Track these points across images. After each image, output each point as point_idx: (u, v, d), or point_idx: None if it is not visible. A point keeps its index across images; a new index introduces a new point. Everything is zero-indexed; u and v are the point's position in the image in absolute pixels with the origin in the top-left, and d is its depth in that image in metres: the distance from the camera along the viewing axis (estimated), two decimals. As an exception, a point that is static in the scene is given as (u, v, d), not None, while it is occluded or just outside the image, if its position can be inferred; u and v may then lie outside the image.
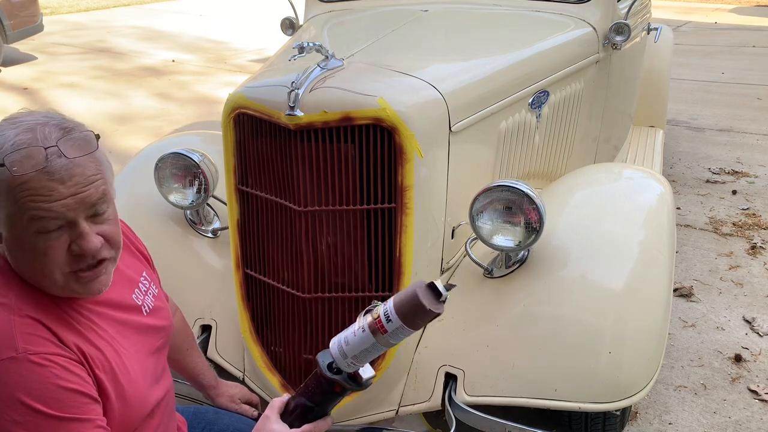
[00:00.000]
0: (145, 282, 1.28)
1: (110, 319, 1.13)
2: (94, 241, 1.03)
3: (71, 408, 0.98)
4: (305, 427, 1.11)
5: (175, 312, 1.52)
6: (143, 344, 1.20)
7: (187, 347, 1.55)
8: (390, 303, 1.00)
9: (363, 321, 1.03)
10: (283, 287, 1.78)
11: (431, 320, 1.00)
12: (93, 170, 1.01)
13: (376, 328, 1.00)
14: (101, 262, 1.06)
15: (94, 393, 1.03)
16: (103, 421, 1.03)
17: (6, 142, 0.97)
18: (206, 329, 2.01)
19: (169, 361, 1.48)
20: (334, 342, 1.07)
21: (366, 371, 1.08)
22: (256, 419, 1.57)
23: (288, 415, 1.14)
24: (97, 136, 1.04)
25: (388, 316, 0.99)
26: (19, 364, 0.95)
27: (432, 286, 0.98)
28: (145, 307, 1.24)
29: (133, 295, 1.23)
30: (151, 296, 1.28)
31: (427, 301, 0.97)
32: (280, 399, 1.17)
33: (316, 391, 1.10)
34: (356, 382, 1.08)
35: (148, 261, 1.37)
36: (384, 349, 1.04)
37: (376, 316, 1.01)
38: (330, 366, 1.08)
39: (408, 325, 0.99)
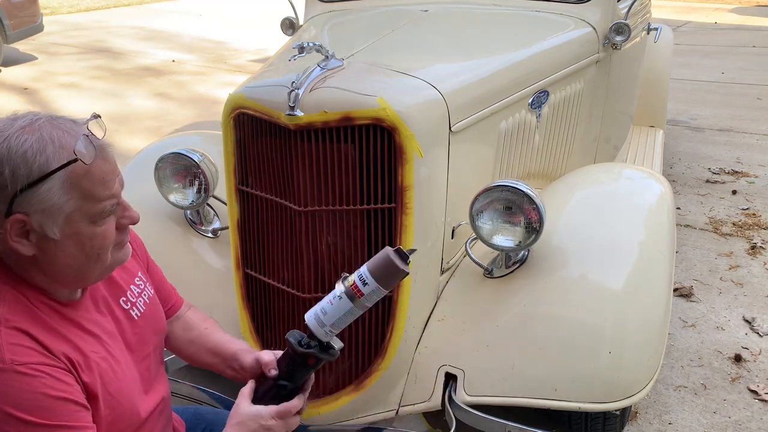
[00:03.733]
0: (139, 283, 1.26)
1: (96, 326, 1.11)
2: (134, 209, 1.08)
3: (60, 416, 0.97)
4: (282, 405, 1.14)
5: (188, 310, 1.46)
6: (131, 350, 1.18)
7: (209, 329, 1.46)
8: (363, 269, 1.10)
9: (338, 290, 1.11)
10: (283, 287, 1.78)
11: (401, 280, 1.12)
12: None
13: (353, 293, 1.09)
14: None
15: (84, 400, 1.02)
16: (93, 428, 1.02)
17: (45, 144, 0.95)
18: (206, 329, 2.01)
19: (200, 354, 1.40)
20: (310, 314, 1.13)
21: (336, 342, 1.16)
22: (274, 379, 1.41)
23: (259, 399, 1.17)
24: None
25: (364, 281, 1.09)
26: (6, 376, 0.95)
27: (399, 251, 1.09)
28: (135, 310, 1.22)
29: (122, 299, 1.20)
30: (144, 298, 1.25)
31: (399, 262, 1.07)
32: (247, 386, 1.18)
33: (289, 368, 1.16)
34: (327, 353, 1.15)
35: (144, 261, 1.34)
36: (359, 313, 1.12)
37: (351, 282, 1.10)
38: (299, 343, 1.15)
39: (382, 286, 1.09)
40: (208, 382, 2.00)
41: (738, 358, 2.55)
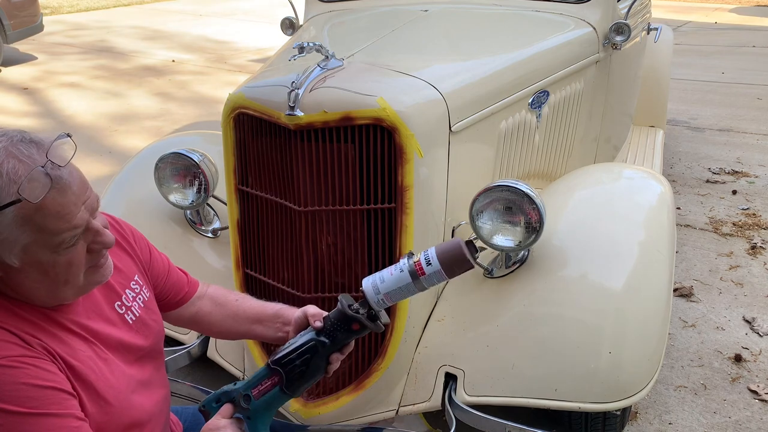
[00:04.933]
0: (135, 287, 1.24)
1: (84, 329, 1.09)
2: (109, 233, 1.04)
3: (49, 405, 0.97)
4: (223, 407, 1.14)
5: (208, 288, 1.44)
6: (126, 353, 1.16)
7: (240, 300, 1.43)
8: (431, 250, 1.11)
9: (401, 264, 1.12)
10: (283, 287, 1.78)
11: (464, 272, 1.11)
12: (78, 169, 0.99)
13: (415, 270, 1.11)
14: None
15: (69, 388, 1.01)
16: (81, 414, 1.01)
17: None
18: (206, 329, 2.01)
19: (239, 326, 1.38)
20: (368, 280, 1.14)
21: (383, 316, 1.16)
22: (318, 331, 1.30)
23: (293, 351, 1.15)
24: (69, 135, 1.01)
25: (429, 261, 1.10)
26: None
27: (469, 243, 1.10)
28: (129, 315, 1.20)
29: (117, 303, 1.19)
30: (139, 302, 1.23)
31: (467, 252, 1.09)
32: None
33: (333, 327, 1.15)
34: (374, 323, 1.14)
35: (146, 258, 1.32)
36: (415, 292, 1.12)
37: (416, 259, 1.12)
38: (350, 307, 1.14)
39: (445, 271, 1.10)
40: (208, 382, 2.00)
41: (738, 358, 2.55)
